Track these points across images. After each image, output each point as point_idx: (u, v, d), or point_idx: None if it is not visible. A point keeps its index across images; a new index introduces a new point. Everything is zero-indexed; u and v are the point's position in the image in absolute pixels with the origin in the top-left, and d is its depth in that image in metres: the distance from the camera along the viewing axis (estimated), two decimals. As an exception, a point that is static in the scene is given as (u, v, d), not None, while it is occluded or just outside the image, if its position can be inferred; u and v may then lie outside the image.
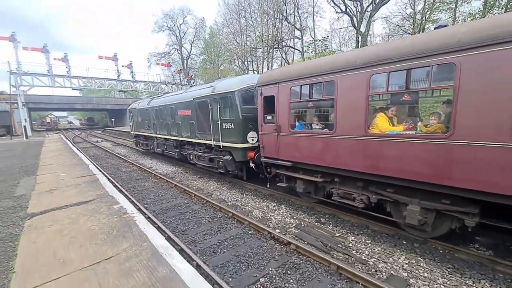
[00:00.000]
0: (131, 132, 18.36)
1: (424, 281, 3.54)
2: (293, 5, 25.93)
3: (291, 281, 3.67)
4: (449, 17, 18.39)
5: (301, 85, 5.39)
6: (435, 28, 4.07)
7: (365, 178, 4.69)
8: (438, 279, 3.58)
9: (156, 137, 13.66)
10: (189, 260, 4.03)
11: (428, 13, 19.01)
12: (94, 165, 11.24)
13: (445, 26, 3.93)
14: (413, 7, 20.16)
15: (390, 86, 4.03)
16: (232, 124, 7.66)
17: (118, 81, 30.34)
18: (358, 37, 21.56)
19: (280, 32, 26.94)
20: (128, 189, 8.42)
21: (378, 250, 4.37)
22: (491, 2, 16.43)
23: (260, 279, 3.73)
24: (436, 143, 3.61)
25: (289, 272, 3.88)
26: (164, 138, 12.65)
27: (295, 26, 26.14)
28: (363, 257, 4.18)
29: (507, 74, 2.94)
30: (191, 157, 10.53)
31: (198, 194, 7.53)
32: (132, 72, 32.06)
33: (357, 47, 21.99)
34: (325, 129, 5.23)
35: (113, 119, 53.25)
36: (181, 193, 8.06)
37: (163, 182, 9.42)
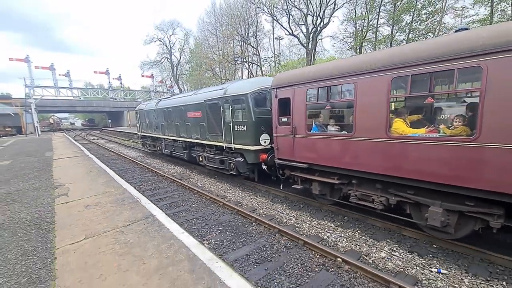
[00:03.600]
0: (138, 133, 18.43)
1: (206, 182, 9.75)
2: (254, 28, 32.18)
3: (152, 184, 9.58)
4: (372, 37, 24.33)
5: (318, 88, 5.42)
6: (456, 31, 4.09)
7: (384, 180, 4.71)
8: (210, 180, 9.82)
9: (164, 138, 13.71)
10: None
11: (364, 32, 23.84)
12: (84, 148, 18.41)
13: (466, 29, 3.96)
14: (355, 26, 24.84)
15: (413, 89, 4.05)
16: (245, 127, 7.69)
17: (110, 90, 39.29)
18: (308, 53, 26.38)
19: (246, 50, 32.54)
20: (101, 160, 13.39)
21: (200, 178, 10.36)
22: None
23: (143, 185, 9.51)
24: (461, 145, 3.62)
25: (156, 183, 9.68)
26: (172, 139, 12.71)
27: (252, 46, 31.87)
28: (193, 181, 9.93)
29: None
30: (201, 159, 10.58)
31: (142, 164, 13.41)
32: (121, 83, 41.69)
33: (307, 61, 26.11)
34: (343, 131, 5.26)
35: (109, 120, 60.25)
36: (135, 164, 13.82)
37: (128, 160, 15.18)
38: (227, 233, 5.37)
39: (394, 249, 4.50)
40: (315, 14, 24.58)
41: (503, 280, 3.60)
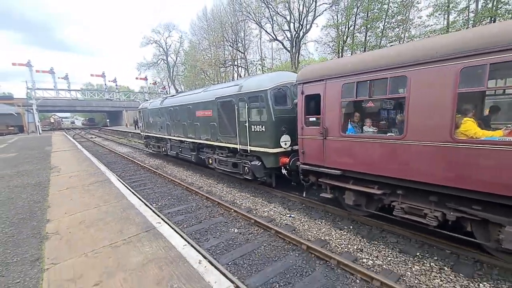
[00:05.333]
0: (141, 133, 17.70)
1: (175, 170, 11.94)
2: (241, 34, 34.33)
3: (132, 171, 11.88)
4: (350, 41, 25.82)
5: (356, 82, 4.63)
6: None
7: (441, 192, 3.94)
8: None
9: (169, 139, 12.96)
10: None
11: (345, 37, 25.56)
12: (77, 143, 21.38)
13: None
14: (336, 31, 26.25)
15: (490, 82, 3.27)
16: (263, 127, 6.93)
17: (106, 92, 41.27)
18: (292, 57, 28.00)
19: (233, 54, 34.71)
20: (92, 154, 15.30)
21: (173, 168, 12.39)
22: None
23: (124, 172, 11.74)
24: None
25: (135, 171, 11.99)
26: (179, 140, 11.95)
27: (240, 51, 33.88)
28: (165, 170, 11.98)
29: None
30: (210, 161, 9.82)
31: (129, 157, 15.33)
32: (116, 85, 44.15)
33: (291, 64, 26.85)
34: (389, 133, 4.48)
35: (107, 120, 63.13)
36: (122, 158, 15.96)
37: (119, 155, 17.04)
38: (172, 200, 7.79)
39: (276, 207, 6.70)
40: (296, 21, 26.50)
41: (327, 219, 5.86)
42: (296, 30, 26.67)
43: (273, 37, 28.96)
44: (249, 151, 7.51)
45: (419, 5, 21.62)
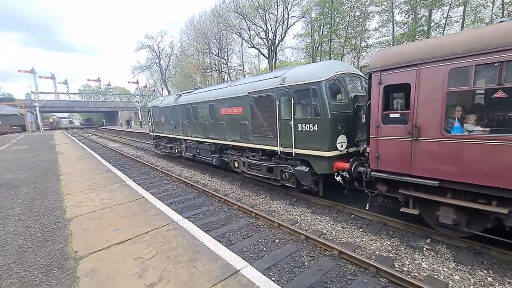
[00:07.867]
0: (150, 133, 16.46)
1: (149, 158, 15.79)
2: (224, 42, 37.28)
3: (118, 160, 15.70)
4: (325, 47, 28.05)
5: (475, 65, 3.48)
6: None
7: None
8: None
9: (185, 139, 11.75)
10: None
11: (317, 44, 27.80)
12: (76, 139, 24.57)
13: None
14: (311, 38, 28.64)
15: None
16: (315, 126, 5.75)
17: (101, 94, 46.92)
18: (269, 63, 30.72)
19: (217, 60, 38.33)
20: (86, 145, 19.57)
21: (149, 157, 16.01)
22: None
23: (111, 160, 15.32)
24: None
25: (120, 160, 15.78)
26: (196, 141, 10.75)
27: (222, 58, 37.39)
28: (144, 158, 15.66)
29: None
30: (237, 165, 8.65)
31: (117, 150, 18.93)
32: (110, 88, 49.51)
33: (270, 70, 28.12)
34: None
35: (103, 120, 66.84)
36: (111, 151, 19.69)
37: (109, 149, 20.83)
38: (139, 173, 11.54)
39: (206, 176, 10.39)
40: (271, 31, 29.60)
41: (237, 183, 9.19)
42: (272, 39, 30.03)
43: (251, 45, 32.20)
44: (294, 154, 6.34)
45: (374, 19, 25.22)
